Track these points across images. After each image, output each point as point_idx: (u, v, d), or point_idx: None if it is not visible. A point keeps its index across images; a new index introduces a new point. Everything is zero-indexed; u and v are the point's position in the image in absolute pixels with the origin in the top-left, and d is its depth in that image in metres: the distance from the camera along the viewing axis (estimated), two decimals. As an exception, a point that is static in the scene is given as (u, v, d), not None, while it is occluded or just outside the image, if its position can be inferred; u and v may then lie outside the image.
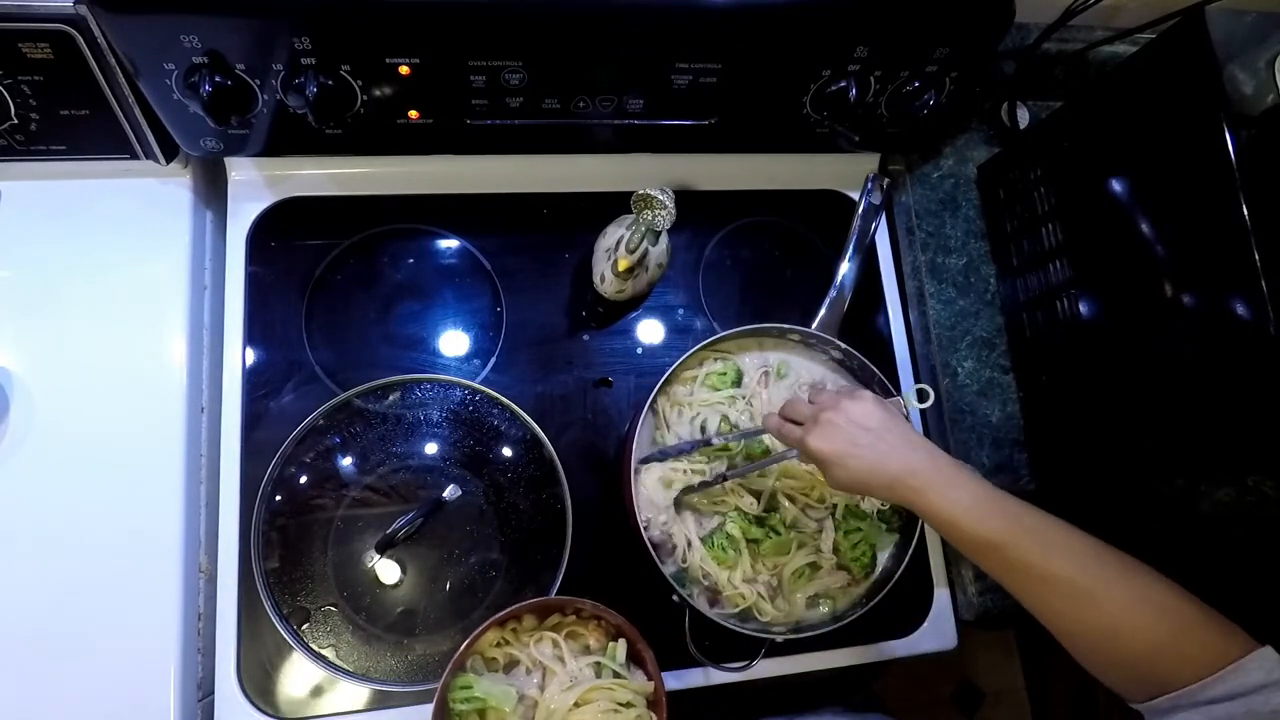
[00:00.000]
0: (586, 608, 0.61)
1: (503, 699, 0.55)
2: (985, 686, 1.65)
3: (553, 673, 0.58)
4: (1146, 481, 0.84)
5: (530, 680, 0.59)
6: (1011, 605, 0.78)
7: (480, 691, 0.55)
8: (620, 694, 0.56)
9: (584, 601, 0.61)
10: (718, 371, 0.75)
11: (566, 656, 0.59)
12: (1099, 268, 0.73)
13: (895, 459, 0.58)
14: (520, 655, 0.60)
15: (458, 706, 0.55)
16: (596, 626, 0.62)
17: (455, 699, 0.55)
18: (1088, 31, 0.88)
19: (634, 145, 0.79)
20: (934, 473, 0.57)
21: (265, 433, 0.73)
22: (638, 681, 0.59)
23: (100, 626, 0.66)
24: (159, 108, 0.65)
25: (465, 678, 0.57)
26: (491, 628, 0.59)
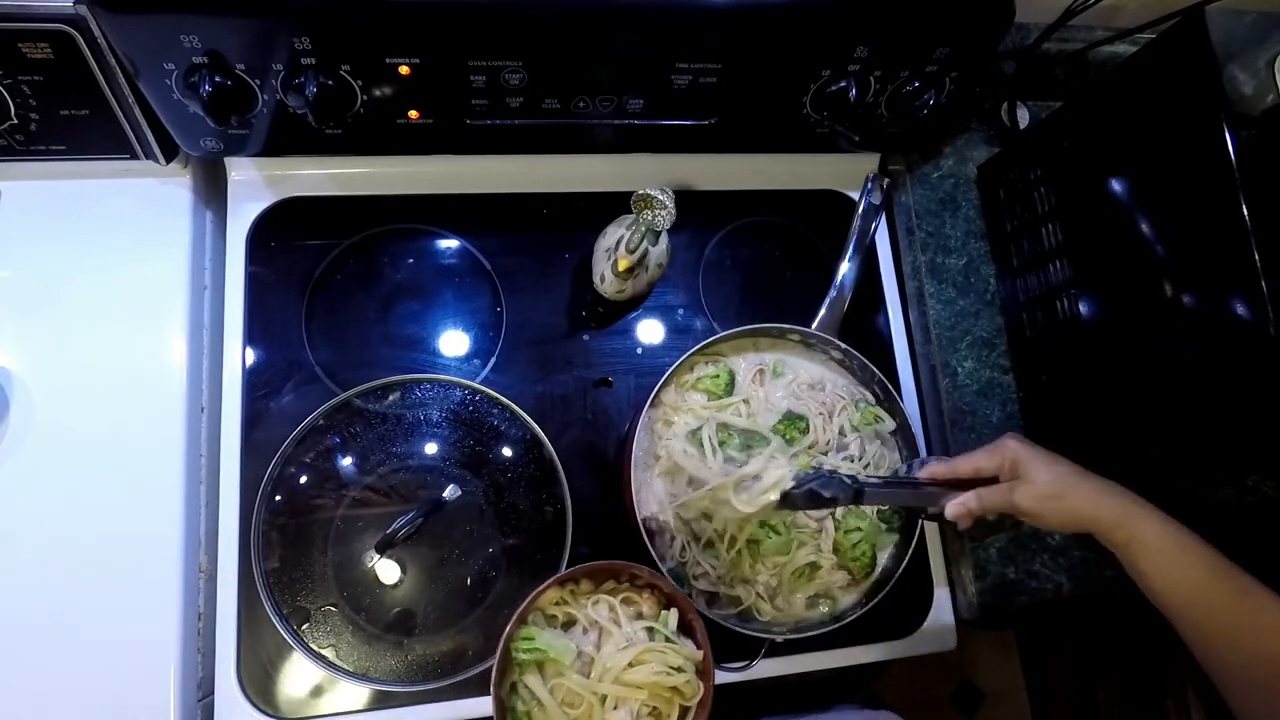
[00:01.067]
0: (643, 575, 0.63)
1: (563, 652, 0.57)
2: (985, 686, 1.65)
3: (609, 633, 0.60)
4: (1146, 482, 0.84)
5: (587, 639, 0.60)
6: (1011, 605, 0.78)
7: (542, 643, 0.57)
8: (672, 658, 0.58)
9: (641, 568, 0.63)
10: (710, 375, 0.75)
11: (622, 619, 0.61)
12: (1099, 268, 0.73)
13: (1109, 497, 0.59)
14: (578, 615, 0.61)
15: (519, 656, 0.57)
16: (650, 594, 0.63)
17: (518, 649, 0.58)
18: (1088, 31, 0.88)
19: (634, 145, 0.79)
20: (1146, 524, 0.58)
21: (265, 433, 0.72)
22: (688, 649, 0.60)
23: (100, 626, 0.66)
24: (159, 108, 0.65)
25: (528, 629, 0.59)
26: (552, 586, 0.61)
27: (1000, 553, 0.80)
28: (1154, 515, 0.58)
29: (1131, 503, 0.58)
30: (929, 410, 0.85)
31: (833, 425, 0.75)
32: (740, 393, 0.75)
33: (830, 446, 0.74)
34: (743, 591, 0.69)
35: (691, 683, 0.59)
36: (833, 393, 0.77)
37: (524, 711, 0.58)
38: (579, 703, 0.57)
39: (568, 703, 0.57)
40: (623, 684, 0.57)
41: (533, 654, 0.57)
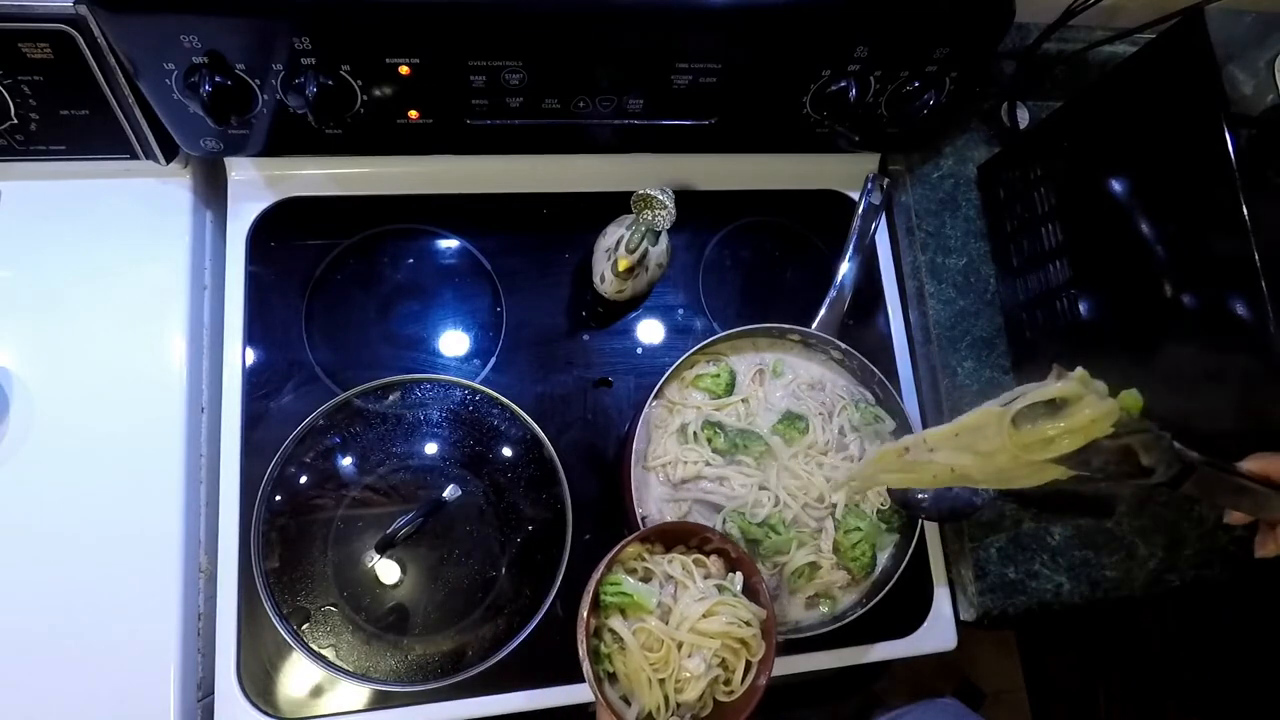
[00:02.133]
0: (714, 539, 0.66)
1: (646, 596, 0.61)
2: (985, 686, 1.65)
3: (685, 586, 0.63)
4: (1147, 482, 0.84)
5: (665, 591, 0.64)
6: (1011, 605, 0.78)
7: (628, 589, 0.61)
8: (742, 612, 0.62)
9: (712, 531, 0.66)
10: (711, 374, 0.75)
11: (695, 576, 0.64)
12: (1099, 268, 0.73)
13: None
14: (655, 570, 0.65)
15: (607, 599, 0.61)
16: (717, 558, 0.67)
17: (606, 592, 0.62)
18: (1088, 31, 0.88)
19: (634, 145, 0.79)
20: None
21: (265, 433, 0.73)
22: (754, 607, 0.64)
23: (100, 626, 0.66)
24: (159, 108, 0.65)
25: (616, 575, 0.63)
26: (634, 542, 0.65)
27: (1000, 553, 0.79)
28: None
29: None
30: (929, 410, 0.85)
31: (832, 425, 0.75)
32: (740, 392, 0.75)
33: (830, 446, 0.74)
34: (743, 591, 0.69)
35: (757, 636, 0.62)
36: (832, 393, 0.77)
37: (607, 654, 0.62)
38: (658, 647, 0.61)
39: (647, 647, 0.61)
40: (698, 632, 0.61)
41: (619, 598, 0.61)
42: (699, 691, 0.60)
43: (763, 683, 0.62)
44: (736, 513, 0.71)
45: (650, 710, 0.60)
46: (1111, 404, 0.46)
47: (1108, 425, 0.46)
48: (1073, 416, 0.46)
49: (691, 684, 0.60)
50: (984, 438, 0.50)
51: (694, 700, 0.61)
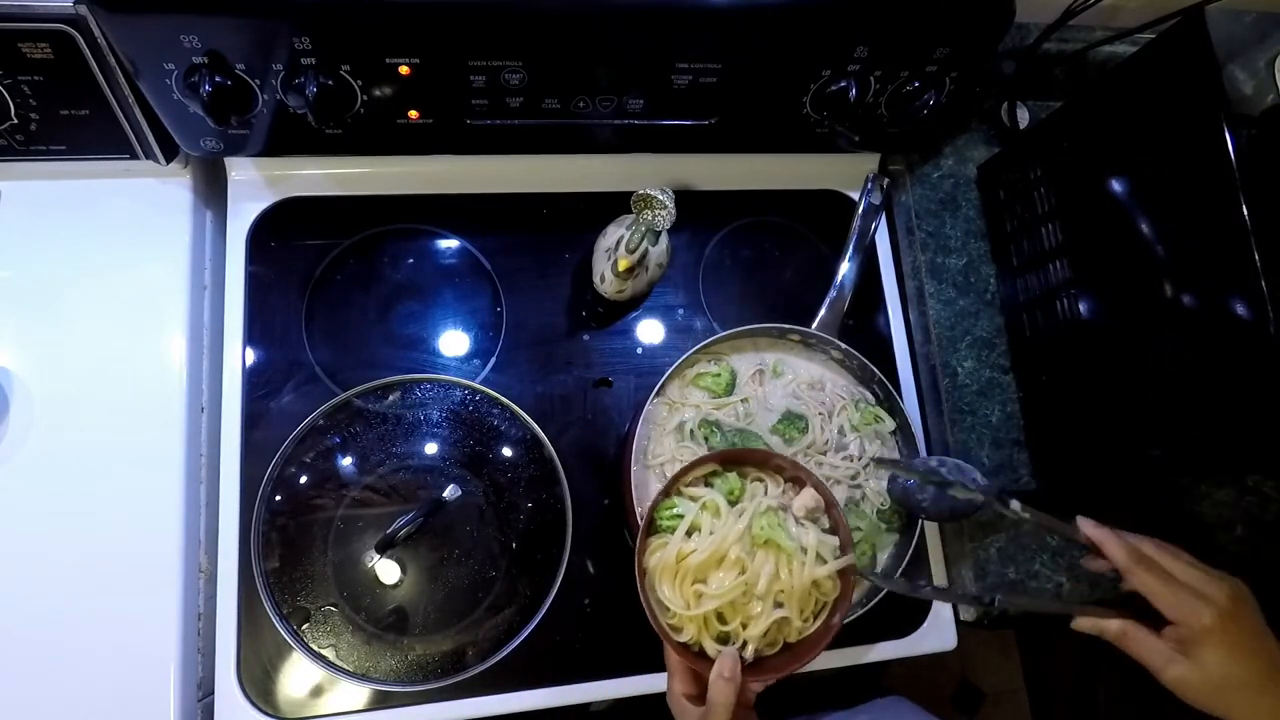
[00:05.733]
0: (786, 466, 0.65)
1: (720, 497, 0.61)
2: (985, 686, 1.65)
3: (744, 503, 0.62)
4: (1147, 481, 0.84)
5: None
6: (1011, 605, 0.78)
7: (682, 510, 0.61)
8: (806, 537, 0.61)
9: (783, 457, 0.65)
10: (711, 373, 0.75)
11: (755, 492, 0.64)
12: (1099, 268, 0.73)
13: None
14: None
15: (662, 523, 0.61)
16: (795, 488, 0.65)
17: (661, 516, 0.61)
18: (1088, 31, 0.88)
19: (634, 145, 0.79)
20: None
21: (265, 433, 0.73)
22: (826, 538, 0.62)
23: (100, 626, 0.66)
24: (159, 108, 0.65)
25: (671, 500, 0.62)
26: (695, 467, 0.64)
27: (1000, 553, 0.79)
28: None
29: None
30: (929, 410, 0.85)
31: (832, 425, 0.75)
32: (739, 392, 0.75)
33: (829, 446, 0.74)
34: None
35: (832, 579, 0.61)
36: (832, 393, 0.77)
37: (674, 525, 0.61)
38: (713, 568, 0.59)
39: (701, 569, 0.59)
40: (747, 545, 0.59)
41: (673, 521, 0.61)
42: (763, 627, 0.59)
43: (836, 621, 0.60)
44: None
45: (695, 634, 0.59)
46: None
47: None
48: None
49: (753, 621, 0.59)
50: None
51: (758, 635, 0.59)
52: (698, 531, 0.60)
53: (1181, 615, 0.55)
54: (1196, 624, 0.54)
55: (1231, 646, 0.54)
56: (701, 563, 0.59)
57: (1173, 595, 0.56)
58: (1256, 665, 0.54)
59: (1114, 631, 0.58)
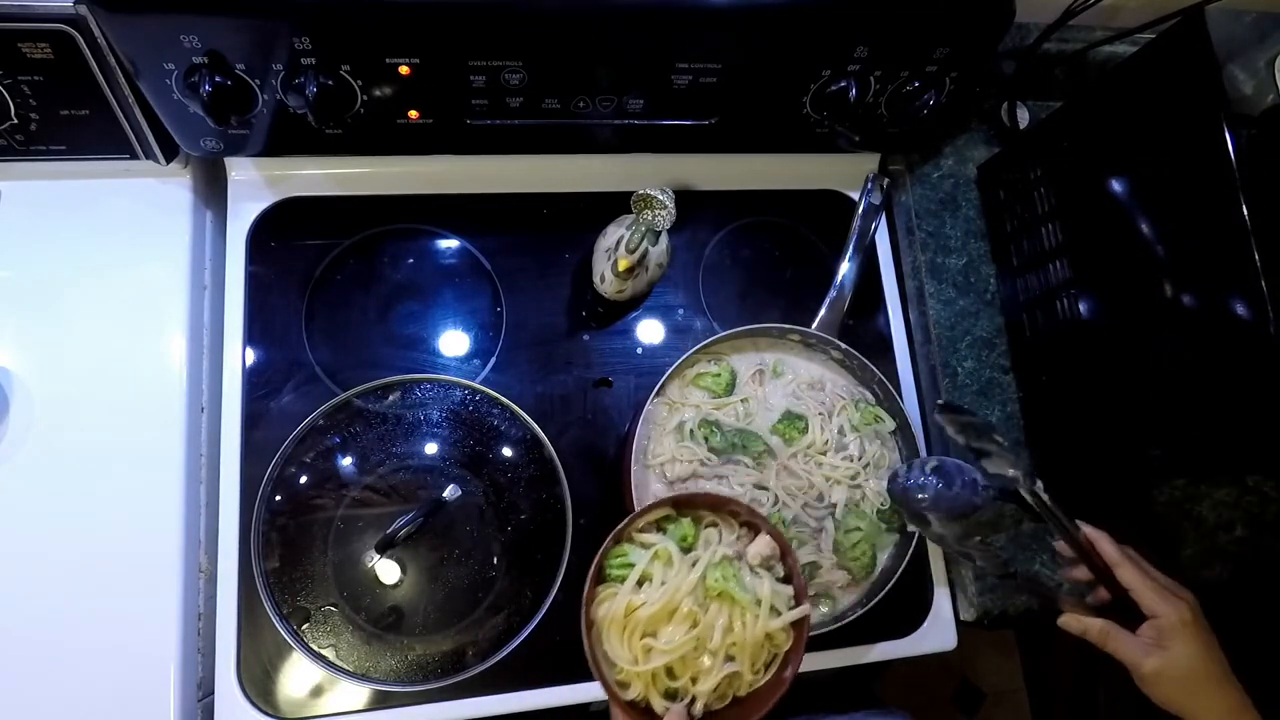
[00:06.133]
0: (742, 511, 0.64)
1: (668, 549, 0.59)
2: (985, 686, 1.65)
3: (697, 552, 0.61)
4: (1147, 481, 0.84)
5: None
6: (1011, 605, 0.78)
7: (635, 559, 0.59)
8: (761, 589, 0.59)
9: (739, 503, 0.64)
10: (711, 373, 0.75)
11: (709, 540, 0.62)
12: (1099, 268, 0.73)
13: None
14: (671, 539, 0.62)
15: (612, 572, 0.59)
16: (750, 534, 0.64)
17: (611, 564, 0.59)
18: (1088, 31, 0.88)
19: (634, 145, 0.79)
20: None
21: (265, 433, 0.72)
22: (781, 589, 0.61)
23: (100, 626, 0.66)
24: (159, 108, 0.65)
25: (622, 548, 0.60)
26: (649, 512, 0.62)
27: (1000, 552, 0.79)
28: None
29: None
30: (929, 410, 0.85)
31: (832, 425, 0.75)
32: (739, 392, 0.75)
33: (829, 446, 0.74)
34: (743, 591, 0.69)
35: (785, 631, 0.59)
36: (832, 393, 0.77)
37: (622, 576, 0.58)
38: (663, 621, 0.57)
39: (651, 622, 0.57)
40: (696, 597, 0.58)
41: (624, 570, 0.58)
42: (713, 683, 0.57)
43: (789, 675, 0.58)
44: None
45: (643, 690, 0.57)
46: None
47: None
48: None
49: (704, 675, 0.57)
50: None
51: (708, 691, 0.57)
52: (649, 581, 0.58)
53: (1161, 609, 0.60)
54: (1175, 616, 0.59)
55: (1201, 642, 0.59)
56: (652, 615, 0.57)
57: (1154, 590, 0.61)
58: (1219, 660, 0.59)
59: (1097, 631, 0.62)
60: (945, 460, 0.71)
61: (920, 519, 0.71)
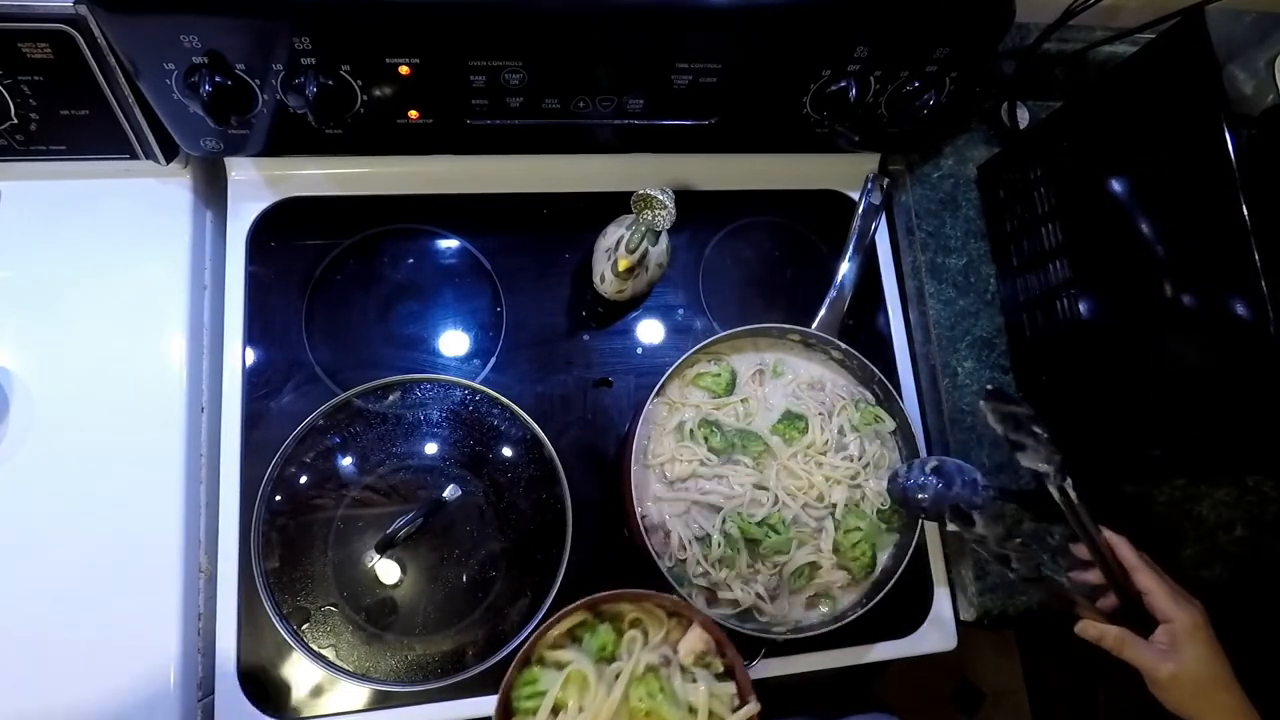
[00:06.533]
0: (666, 604, 0.58)
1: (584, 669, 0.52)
2: (985, 686, 1.65)
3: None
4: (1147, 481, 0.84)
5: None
6: (1011, 605, 0.78)
7: (545, 685, 0.52)
8: (693, 695, 0.53)
9: (662, 596, 0.58)
10: (711, 373, 0.75)
11: (633, 646, 0.56)
12: (1099, 268, 0.73)
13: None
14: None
15: (520, 704, 0.52)
16: (700, 632, 0.58)
17: (519, 696, 0.53)
18: (1088, 31, 0.88)
19: (634, 145, 0.79)
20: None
21: (265, 433, 0.73)
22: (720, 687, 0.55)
23: (100, 626, 0.66)
24: (159, 108, 0.65)
25: (532, 673, 0.54)
26: (559, 622, 0.57)
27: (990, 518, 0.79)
28: None
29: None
30: (929, 410, 0.85)
31: (832, 425, 0.75)
32: (739, 392, 0.75)
33: (829, 446, 0.74)
34: (742, 591, 0.69)
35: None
36: (832, 392, 0.77)
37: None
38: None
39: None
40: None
41: (534, 701, 0.52)
42: None
43: None
44: (736, 513, 0.71)
45: None
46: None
47: None
48: None
49: None
50: None
51: None
52: (564, 711, 0.52)
53: (1175, 614, 0.61)
54: (1189, 621, 0.60)
55: (1212, 648, 0.60)
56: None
57: (1169, 595, 0.62)
58: (1227, 665, 0.60)
59: (1113, 638, 0.63)
60: (945, 460, 0.71)
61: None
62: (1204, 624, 0.61)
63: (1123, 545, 0.66)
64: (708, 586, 0.70)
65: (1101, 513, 0.67)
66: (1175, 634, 0.60)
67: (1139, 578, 0.64)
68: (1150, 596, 0.63)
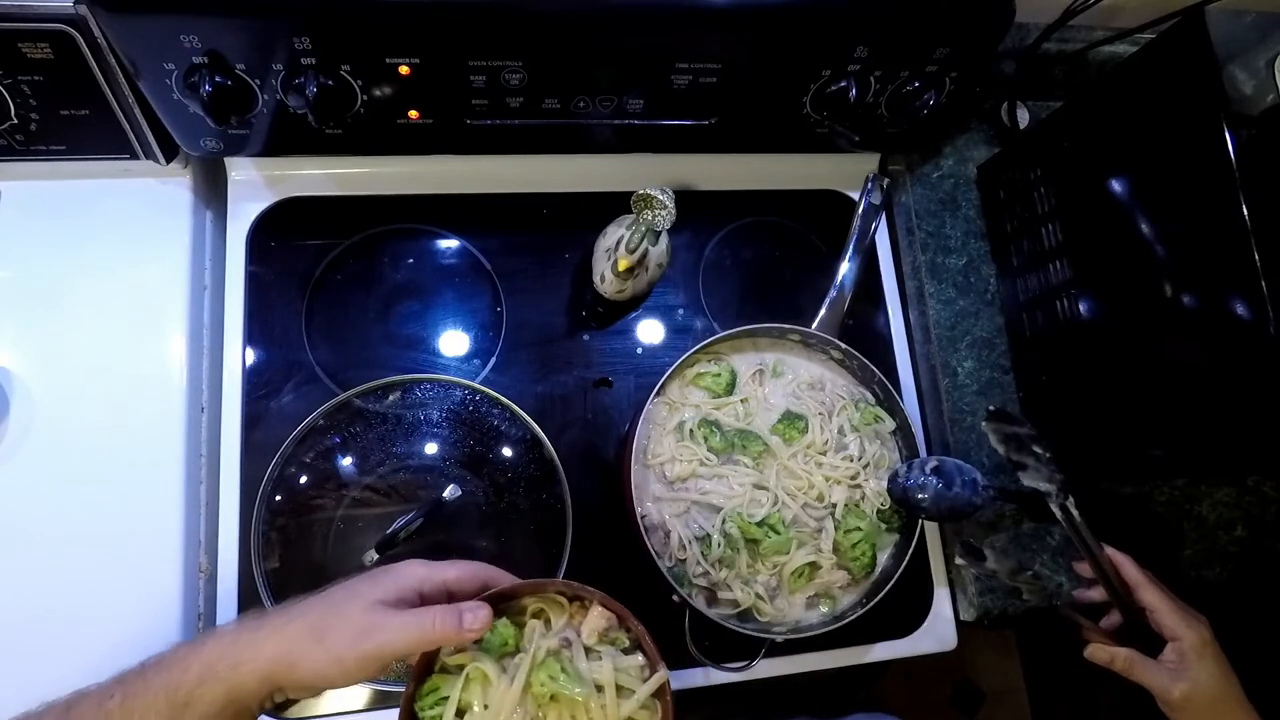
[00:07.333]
0: (549, 587, 0.56)
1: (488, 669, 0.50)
2: (985, 687, 1.65)
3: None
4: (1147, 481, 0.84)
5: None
6: (1011, 605, 0.78)
7: (448, 692, 0.51)
8: (599, 673, 0.51)
9: (546, 580, 0.56)
10: (711, 373, 0.75)
11: (532, 635, 0.54)
12: (1099, 268, 0.73)
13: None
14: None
15: (424, 714, 0.51)
16: (602, 612, 0.55)
17: (423, 706, 0.51)
18: (1088, 31, 0.88)
19: (634, 145, 0.79)
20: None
21: (265, 433, 0.72)
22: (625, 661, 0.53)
23: (100, 626, 0.66)
24: (159, 108, 0.65)
25: (434, 680, 0.52)
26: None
27: (1000, 552, 0.79)
28: None
29: None
30: (929, 410, 0.85)
31: (832, 425, 0.75)
32: (739, 392, 0.75)
33: (829, 446, 0.74)
34: (742, 591, 0.69)
35: (648, 707, 0.52)
36: (832, 392, 0.77)
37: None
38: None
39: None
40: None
41: (437, 710, 0.50)
42: None
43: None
44: (736, 513, 0.71)
45: None
46: None
47: None
48: None
49: None
50: None
51: None
52: (470, 712, 0.50)
53: (1182, 631, 0.61)
54: (1196, 638, 0.60)
55: (1221, 664, 0.60)
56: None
57: (1175, 612, 0.62)
58: (1236, 681, 0.60)
59: (1123, 660, 0.62)
60: (945, 460, 0.71)
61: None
62: (1211, 640, 0.60)
63: (1126, 563, 0.66)
64: (708, 586, 0.70)
65: (1102, 514, 0.67)
66: (1184, 652, 0.60)
67: (1143, 595, 0.64)
68: (1155, 614, 0.63)
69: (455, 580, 0.53)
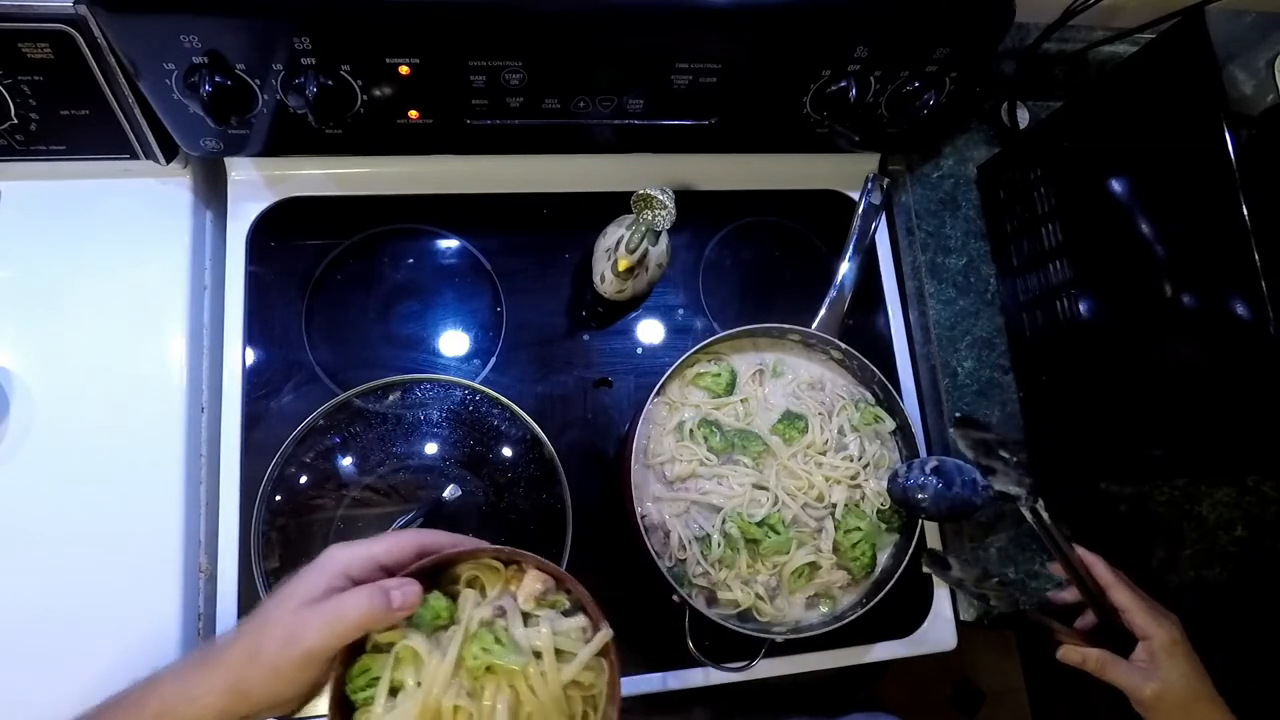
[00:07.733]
0: (502, 552, 0.53)
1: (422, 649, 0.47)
2: (985, 687, 1.65)
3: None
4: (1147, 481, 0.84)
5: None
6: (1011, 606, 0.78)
7: (378, 671, 0.48)
8: (536, 638, 0.49)
9: (492, 548, 0.52)
10: (711, 373, 0.75)
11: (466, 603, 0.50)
12: (1099, 268, 0.73)
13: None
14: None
15: (356, 695, 0.48)
16: (538, 576, 0.52)
17: (355, 687, 0.48)
18: (1088, 31, 0.88)
19: (634, 145, 0.79)
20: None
21: (265, 433, 0.72)
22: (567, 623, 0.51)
23: (100, 627, 0.66)
24: (159, 108, 0.65)
25: (365, 660, 0.49)
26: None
27: (1000, 552, 0.80)
28: None
29: None
30: (929, 410, 0.85)
31: (832, 425, 0.75)
32: (739, 392, 0.75)
33: (829, 446, 0.74)
34: (742, 591, 0.69)
35: (593, 670, 0.50)
36: (832, 392, 0.77)
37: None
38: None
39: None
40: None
41: (368, 691, 0.48)
42: None
43: (615, 715, 0.49)
44: (735, 513, 0.71)
45: None
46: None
47: None
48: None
49: None
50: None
51: None
52: (403, 690, 0.47)
53: (1153, 630, 0.61)
54: (1166, 636, 0.61)
55: (1191, 662, 0.60)
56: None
57: (1145, 611, 0.63)
58: (1207, 678, 0.61)
59: (1094, 660, 0.63)
60: (945, 460, 0.71)
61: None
62: (1181, 639, 0.61)
63: (1098, 563, 0.66)
64: (708, 586, 0.70)
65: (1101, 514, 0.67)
66: (1154, 651, 0.61)
67: (1114, 595, 0.65)
68: (1126, 613, 0.64)
69: (386, 554, 0.49)
